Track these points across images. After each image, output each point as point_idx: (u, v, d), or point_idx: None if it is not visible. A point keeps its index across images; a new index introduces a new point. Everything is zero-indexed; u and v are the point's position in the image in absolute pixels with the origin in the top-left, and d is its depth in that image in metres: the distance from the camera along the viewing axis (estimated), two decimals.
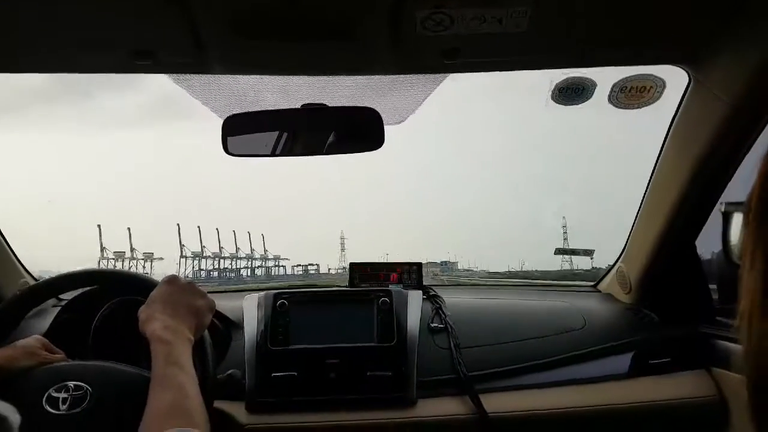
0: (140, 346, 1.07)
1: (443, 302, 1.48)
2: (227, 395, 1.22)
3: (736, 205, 1.21)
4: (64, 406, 0.90)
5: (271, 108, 1.19)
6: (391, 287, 1.52)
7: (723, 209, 1.20)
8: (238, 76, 1.11)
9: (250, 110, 1.18)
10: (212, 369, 1.04)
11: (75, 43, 0.96)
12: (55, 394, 0.91)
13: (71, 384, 0.93)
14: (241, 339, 1.35)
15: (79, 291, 1.33)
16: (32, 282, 1.55)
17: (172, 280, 1.00)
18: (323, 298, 1.45)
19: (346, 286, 1.65)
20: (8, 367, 0.95)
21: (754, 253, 0.46)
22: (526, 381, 1.32)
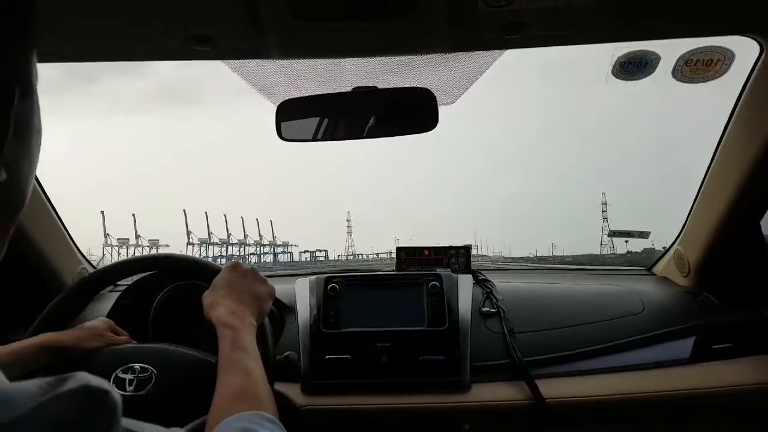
0: (199, 329, 1.09)
1: (494, 286, 1.46)
2: (283, 377, 1.24)
3: None
4: (131, 388, 0.92)
5: (321, 92, 1.18)
6: (440, 271, 1.51)
7: None
8: (289, 61, 1.10)
9: (301, 95, 1.17)
10: (273, 352, 1.05)
11: (133, 31, 0.97)
12: (122, 375, 0.93)
13: (137, 366, 0.95)
14: (294, 322, 1.36)
15: (137, 276, 1.37)
16: (90, 269, 1.60)
17: (235, 266, 1.02)
18: (373, 281, 1.45)
19: (392, 270, 1.64)
20: (77, 347, 0.98)
21: None
22: (584, 366, 1.29)
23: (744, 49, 1.17)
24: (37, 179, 1.37)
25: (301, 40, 0.95)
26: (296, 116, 1.17)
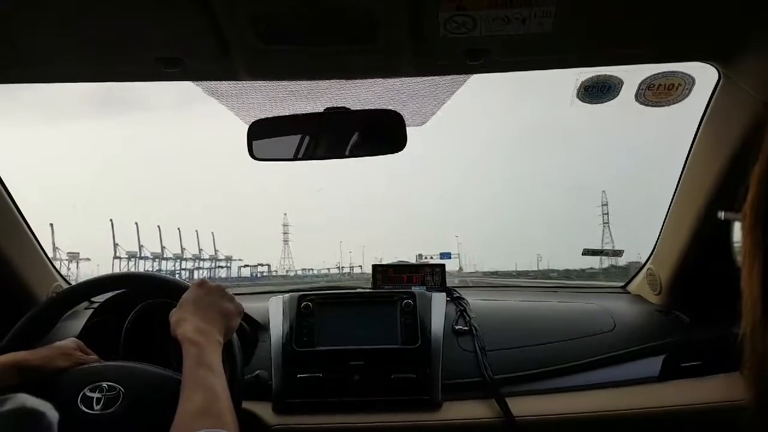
0: (169, 347, 1.09)
1: (467, 304, 1.47)
2: (255, 396, 1.23)
3: (734, 213, 1.16)
4: (98, 406, 0.92)
5: (294, 112, 1.20)
6: (414, 289, 1.52)
7: (723, 216, 1.16)
8: (262, 81, 1.12)
9: (274, 115, 1.19)
10: (240, 370, 1.05)
11: (103, 53, 0.98)
12: (90, 394, 0.93)
13: (105, 384, 0.95)
14: (268, 340, 1.37)
15: (111, 294, 1.37)
16: (65, 286, 1.59)
17: (202, 283, 1.03)
18: (347, 299, 1.46)
19: (369, 288, 1.65)
20: (45, 367, 0.98)
21: (752, 263, 0.44)
22: (554, 384, 1.30)
23: (705, 74, 1.21)
24: (10, 196, 1.37)
25: (268, 62, 0.98)
26: (268, 136, 1.19)
